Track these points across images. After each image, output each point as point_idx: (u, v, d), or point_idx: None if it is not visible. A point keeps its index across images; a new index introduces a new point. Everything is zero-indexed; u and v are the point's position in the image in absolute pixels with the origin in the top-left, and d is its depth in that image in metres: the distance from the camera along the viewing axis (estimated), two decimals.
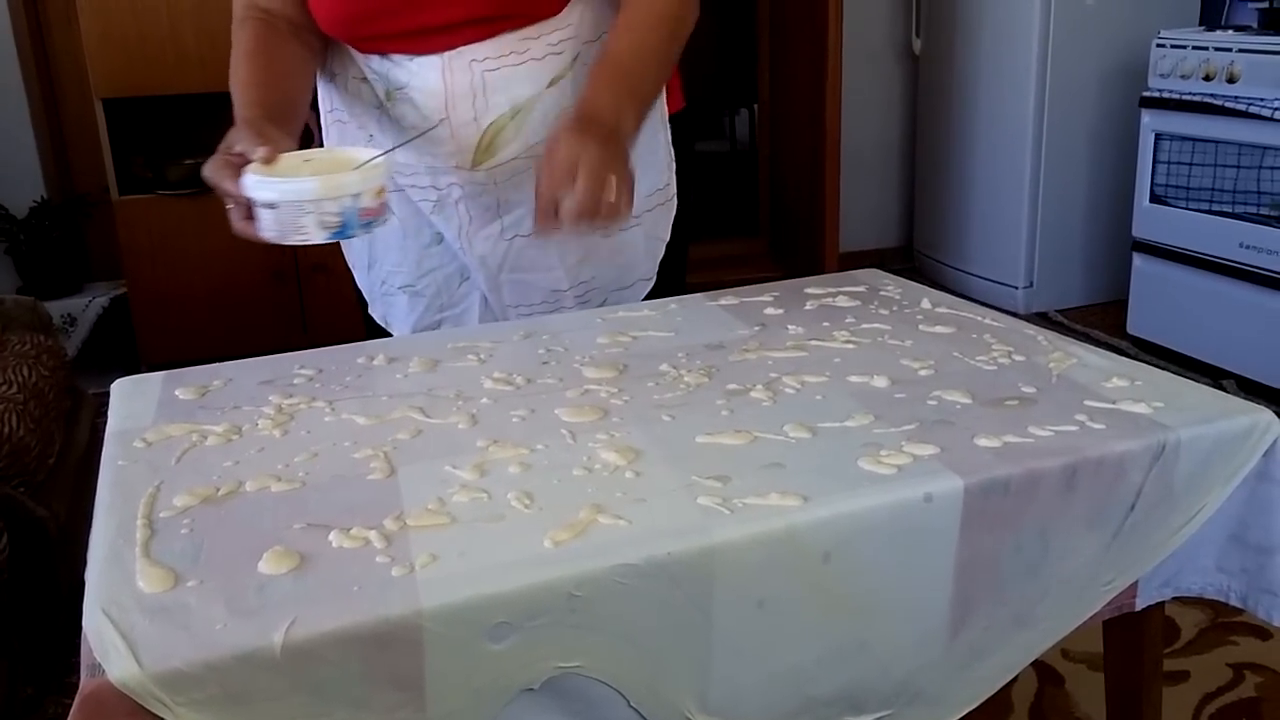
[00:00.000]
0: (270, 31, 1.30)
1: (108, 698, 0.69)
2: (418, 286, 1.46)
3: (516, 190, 1.36)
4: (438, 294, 1.46)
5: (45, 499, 1.86)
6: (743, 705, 0.88)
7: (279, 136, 1.15)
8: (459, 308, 1.47)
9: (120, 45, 3.06)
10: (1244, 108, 2.80)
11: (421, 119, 1.31)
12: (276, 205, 1.08)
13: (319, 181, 1.07)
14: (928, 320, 1.31)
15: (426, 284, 1.46)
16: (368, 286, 1.52)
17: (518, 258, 1.41)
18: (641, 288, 1.50)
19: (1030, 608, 0.98)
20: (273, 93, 1.26)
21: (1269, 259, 2.82)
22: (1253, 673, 1.77)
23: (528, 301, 1.45)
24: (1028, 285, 3.67)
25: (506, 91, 1.29)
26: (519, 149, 1.33)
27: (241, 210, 1.11)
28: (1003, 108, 3.61)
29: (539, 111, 1.31)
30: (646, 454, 0.97)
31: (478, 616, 0.77)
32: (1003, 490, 0.93)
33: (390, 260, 1.46)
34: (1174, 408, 1.04)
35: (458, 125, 1.30)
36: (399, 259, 1.45)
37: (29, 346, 2.13)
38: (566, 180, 1.10)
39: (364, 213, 1.10)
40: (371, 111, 1.37)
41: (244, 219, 1.12)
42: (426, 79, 1.29)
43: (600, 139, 1.13)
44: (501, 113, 1.30)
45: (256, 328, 3.29)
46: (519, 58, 1.28)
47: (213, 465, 0.97)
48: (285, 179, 1.08)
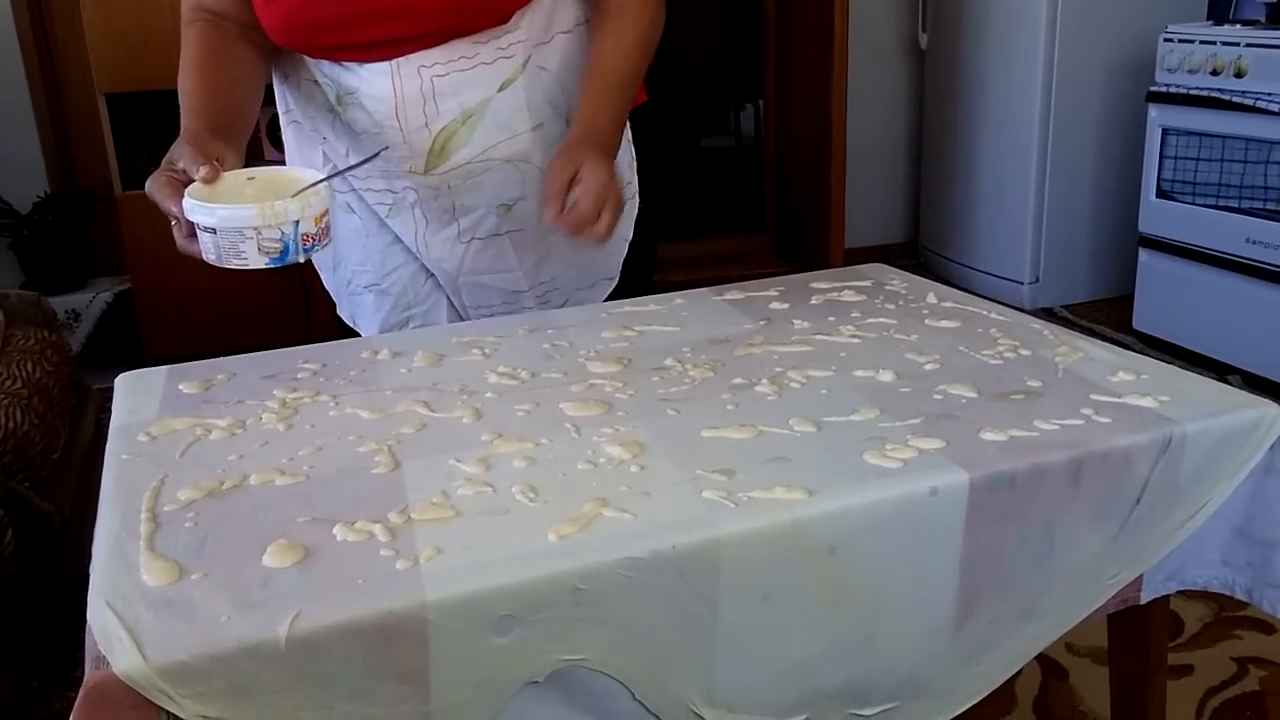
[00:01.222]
0: (218, 34, 1.29)
1: (112, 690, 0.70)
2: (383, 285, 1.45)
3: (472, 193, 1.36)
4: (404, 292, 1.45)
5: (50, 494, 1.87)
6: (747, 698, 0.88)
7: (223, 150, 1.15)
8: (425, 305, 1.46)
9: (123, 39, 3.06)
10: (1251, 102, 2.79)
11: (372, 124, 1.31)
12: (216, 230, 1.07)
13: (258, 209, 1.06)
14: (933, 315, 1.30)
15: (392, 282, 1.45)
16: (334, 287, 1.51)
17: (475, 260, 1.41)
18: (604, 287, 1.50)
19: (1035, 601, 0.98)
20: (219, 100, 1.25)
21: (1275, 254, 2.81)
22: (1257, 667, 1.77)
23: (487, 303, 1.45)
24: (1033, 281, 3.66)
25: (457, 96, 1.29)
26: (472, 153, 1.32)
27: (185, 228, 1.11)
28: (1009, 103, 3.60)
29: (491, 115, 1.31)
30: (651, 448, 0.96)
31: (482, 609, 0.77)
32: (1008, 484, 0.92)
33: (354, 260, 1.45)
34: (1179, 402, 1.04)
35: (409, 131, 1.30)
36: (363, 258, 1.44)
37: (33, 342, 2.14)
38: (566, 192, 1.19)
39: (305, 238, 1.10)
40: (325, 114, 1.36)
41: (186, 237, 1.11)
42: (376, 85, 1.28)
43: (604, 161, 1.22)
44: (453, 117, 1.30)
45: (260, 322, 3.29)
46: (469, 62, 1.28)
47: (217, 459, 0.97)
48: (225, 205, 1.08)
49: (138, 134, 3.35)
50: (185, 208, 1.09)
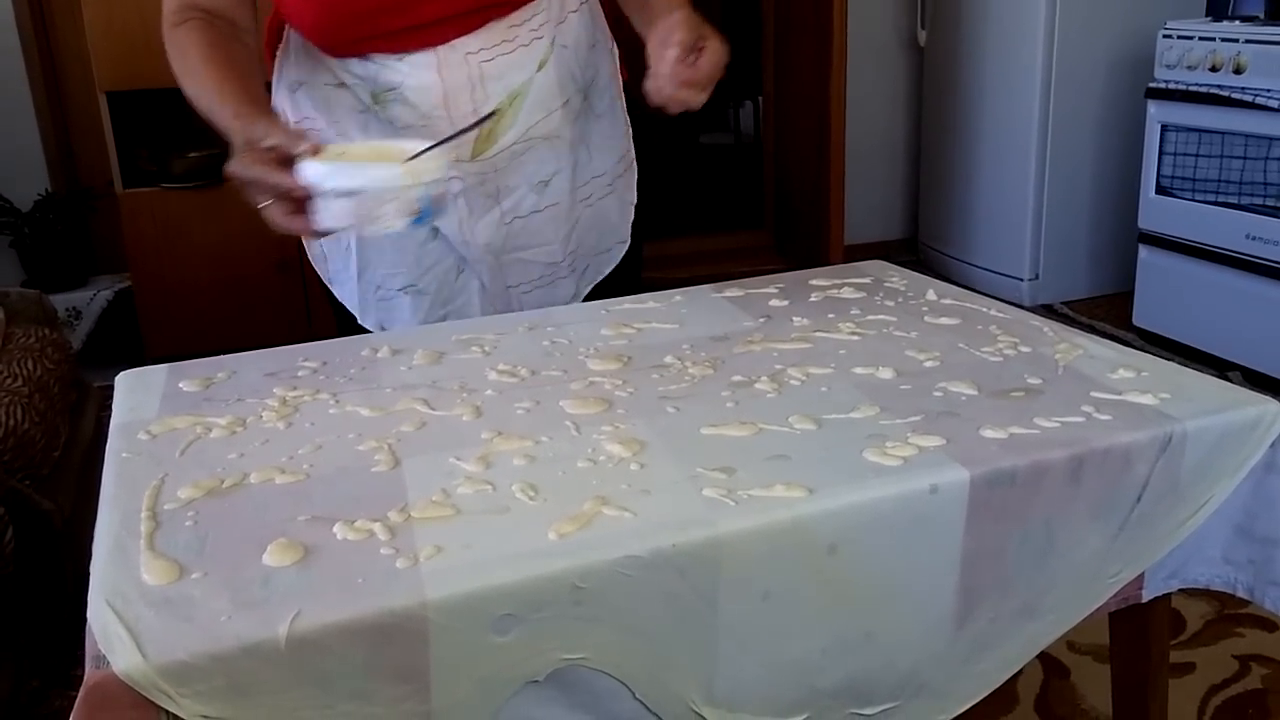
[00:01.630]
0: (217, 32, 1.27)
1: (112, 689, 0.70)
2: (420, 285, 1.44)
3: (514, 174, 1.38)
4: (440, 289, 1.45)
5: (50, 492, 1.87)
6: (748, 697, 0.88)
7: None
8: (459, 300, 1.46)
9: (124, 38, 3.06)
10: (1250, 98, 2.79)
11: (417, 117, 1.31)
12: (358, 193, 1.04)
13: (403, 168, 1.04)
14: (933, 312, 1.30)
15: (429, 281, 1.44)
16: (357, 296, 1.47)
17: (517, 239, 1.42)
18: (618, 251, 1.54)
19: (1036, 599, 0.97)
20: (254, 87, 1.22)
21: (1275, 250, 2.81)
22: (1259, 664, 1.77)
23: (528, 278, 1.47)
24: (1033, 277, 3.66)
25: (502, 80, 1.30)
26: (515, 135, 1.34)
27: (287, 205, 1.07)
28: (1008, 99, 3.59)
29: (533, 95, 1.33)
30: (651, 446, 0.96)
31: (482, 608, 0.77)
32: (1009, 482, 0.92)
33: (385, 264, 1.43)
34: (1180, 399, 1.03)
35: (457, 119, 1.29)
36: (395, 260, 1.43)
37: (34, 340, 2.14)
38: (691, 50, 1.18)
39: (435, 200, 1.09)
40: (353, 116, 1.34)
41: (290, 213, 1.07)
42: (420, 77, 1.28)
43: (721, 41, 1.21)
44: (500, 101, 1.30)
45: (261, 320, 3.29)
46: (510, 45, 1.30)
47: (217, 457, 0.97)
48: (369, 165, 1.05)
49: (138, 132, 3.35)
50: (318, 175, 1.04)
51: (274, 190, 1.06)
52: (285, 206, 1.07)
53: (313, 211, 1.06)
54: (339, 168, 1.04)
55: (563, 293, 1.49)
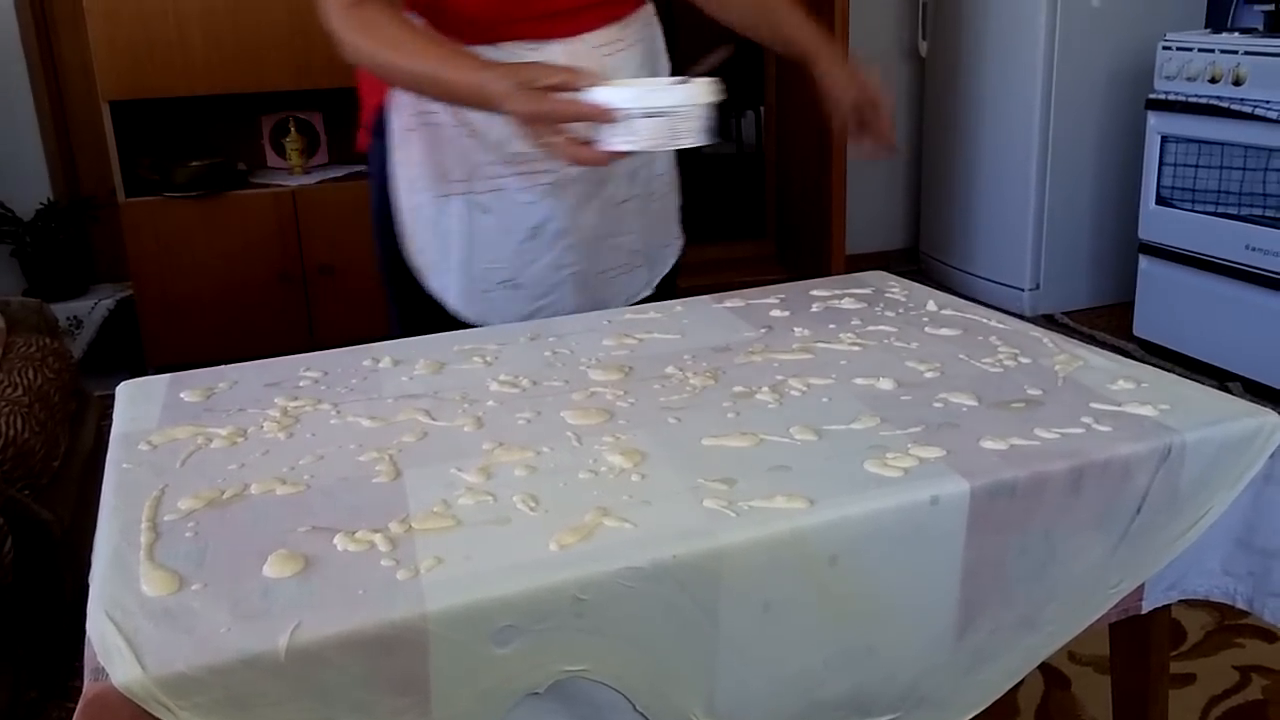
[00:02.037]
0: (395, 9, 1.29)
1: (111, 701, 0.69)
2: (518, 279, 1.47)
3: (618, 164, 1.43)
4: (537, 283, 1.48)
5: (49, 502, 1.87)
6: (749, 709, 0.88)
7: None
8: (553, 295, 1.50)
9: (127, 47, 3.07)
10: (1250, 110, 2.80)
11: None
12: (668, 113, 1.10)
13: (705, 86, 1.11)
14: (933, 322, 1.30)
15: (528, 275, 1.47)
16: (463, 285, 1.47)
17: (611, 224, 1.50)
18: (676, 247, 1.63)
19: (1037, 610, 0.97)
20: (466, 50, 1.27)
21: (1275, 261, 2.81)
22: (1259, 675, 1.77)
23: (616, 264, 1.54)
24: (1034, 287, 3.66)
25: (618, 74, 1.36)
26: None
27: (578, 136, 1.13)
28: (1009, 110, 3.60)
29: None
30: (652, 456, 0.96)
31: (483, 620, 0.77)
32: (1009, 493, 0.92)
33: (487, 258, 1.46)
34: (1180, 410, 1.04)
35: None
36: (495, 255, 1.46)
37: (34, 349, 2.14)
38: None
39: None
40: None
41: (579, 143, 1.13)
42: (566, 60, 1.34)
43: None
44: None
45: (262, 330, 3.29)
46: (621, 44, 1.41)
47: (218, 468, 0.97)
48: (671, 86, 1.11)
49: (141, 142, 3.36)
50: (628, 99, 1.09)
51: (570, 119, 1.12)
52: (574, 139, 1.13)
53: (601, 138, 1.12)
54: (647, 90, 1.11)
55: (638, 280, 1.57)
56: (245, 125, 3.53)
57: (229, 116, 3.50)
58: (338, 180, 3.37)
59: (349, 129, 3.69)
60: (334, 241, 3.31)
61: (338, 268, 3.33)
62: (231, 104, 3.42)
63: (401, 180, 1.43)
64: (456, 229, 1.43)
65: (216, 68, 3.14)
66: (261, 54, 3.17)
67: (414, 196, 1.43)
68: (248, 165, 3.50)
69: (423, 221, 1.43)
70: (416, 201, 1.43)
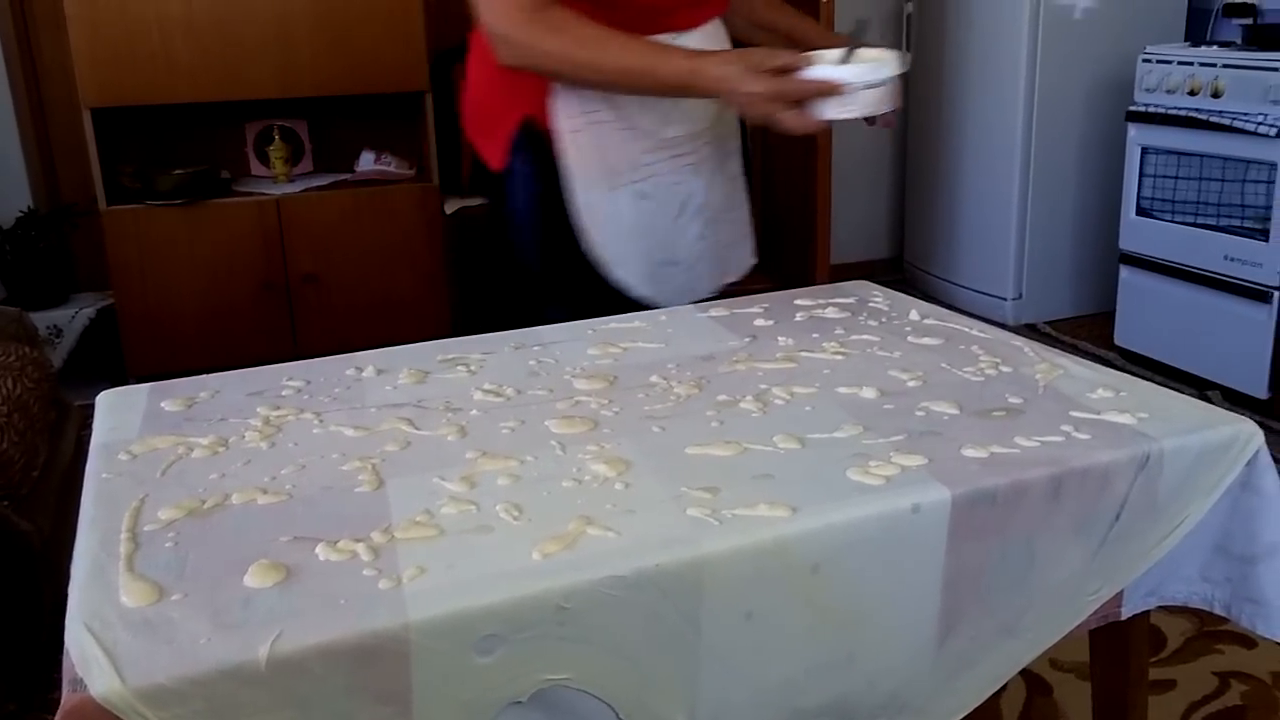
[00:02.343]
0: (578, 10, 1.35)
1: (90, 713, 0.69)
2: (675, 256, 1.56)
3: (730, 140, 1.60)
4: (687, 258, 1.57)
5: (29, 513, 1.85)
6: (731, 717, 0.88)
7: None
8: (700, 267, 1.59)
9: (108, 54, 3.05)
10: (1228, 122, 2.82)
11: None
12: (885, 83, 1.24)
13: (903, 58, 1.26)
14: (916, 332, 1.31)
15: (681, 252, 1.56)
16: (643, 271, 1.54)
17: (731, 198, 1.62)
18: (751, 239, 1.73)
19: (1017, 617, 0.98)
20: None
21: (1253, 271, 2.83)
22: (1239, 681, 1.78)
23: (734, 237, 1.65)
24: (1016, 297, 3.68)
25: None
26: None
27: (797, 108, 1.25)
28: (991, 121, 3.62)
29: None
30: (636, 465, 0.97)
31: (465, 629, 0.77)
32: (990, 501, 0.93)
33: (654, 240, 1.54)
34: (1158, 418, 1.04)
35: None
36: (660, 237, 1.54)
37: (14, 358, 2.12)
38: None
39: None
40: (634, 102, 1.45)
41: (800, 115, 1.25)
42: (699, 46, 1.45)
43: None
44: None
45: (245, 340, 3.28)
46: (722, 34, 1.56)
47: (199, 478, 0.97)
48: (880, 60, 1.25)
49: (122, 149, 3.35)
50: (854, 74, 1.23)
51: (802, 96, 1.25)
52: (796, 110, 1.25)
53: (817, 109, 1.25)
54: (868, 66, 1.24)
55: (745, 252, 1.69)
56: (229, 133, 3.52)
57: (212, 124, 3.49)
58: (322, 189, 3.37)
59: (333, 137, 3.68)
60: (318, 250, 3.30)
61: (321, 277, 3.32)
62: (215, 111, 3.40)
63: (577, 179, 1.47)
64: (628, 218, 1.49)
65: (200, 74, 3.13)
66: (245, 61, 3.16)
67: (589, 194, 1.48)
68: (231, 173, 3.48)
69: (599, 216, 1.49)
70: (591, 199, 1.48)
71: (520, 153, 1.48)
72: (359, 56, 3.24)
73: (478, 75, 1.54)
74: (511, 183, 1.51)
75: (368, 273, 3.36)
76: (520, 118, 1.47)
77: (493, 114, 1.52)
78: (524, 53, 1.35)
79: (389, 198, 3.36)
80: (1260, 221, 2.81)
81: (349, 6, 3.19)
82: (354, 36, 3.22)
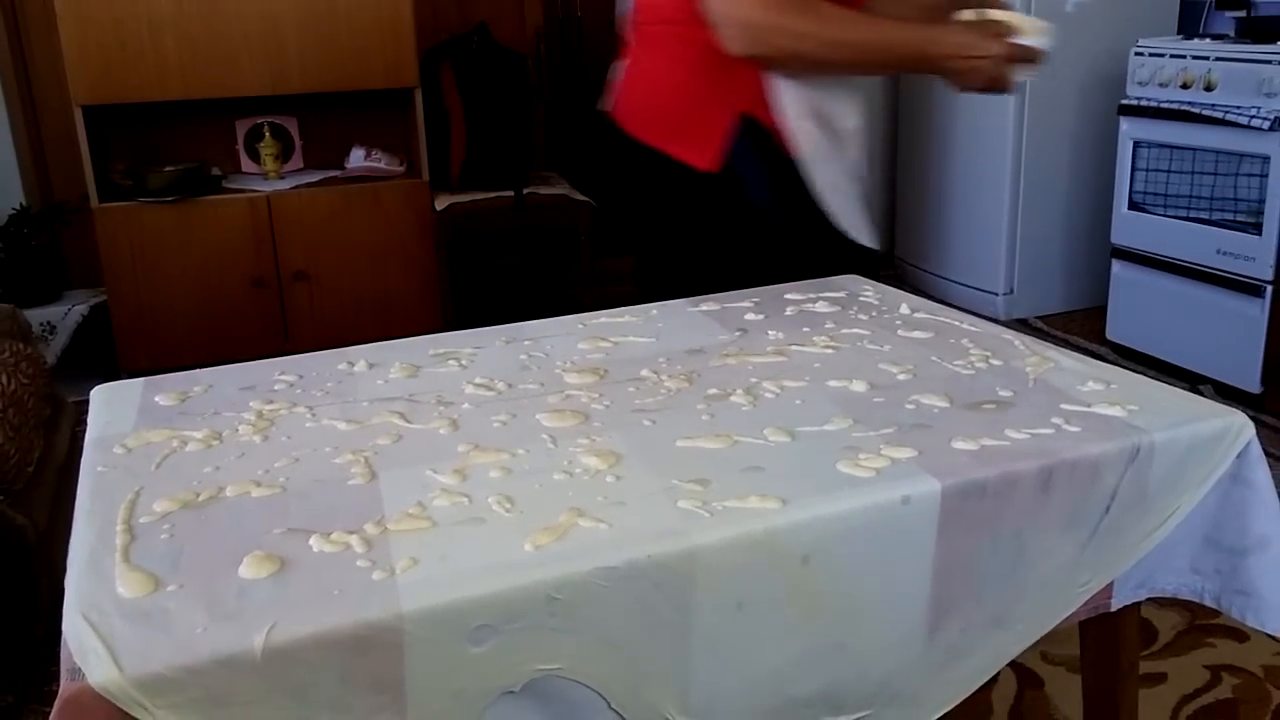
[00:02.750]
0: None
1: (88, 702, 0.69)
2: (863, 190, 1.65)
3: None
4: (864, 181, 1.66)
5: (24, 507, 1.85)
6: (723, 706, 0.89)
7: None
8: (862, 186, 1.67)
9: (99, 52, 3.05)
10: (1221, 115, 2.83)
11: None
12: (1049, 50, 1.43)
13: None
14: (906, 325, 1.32)
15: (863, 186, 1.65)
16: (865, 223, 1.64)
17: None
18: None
19: (1007, 608, 0.99)
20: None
21: (1245, 265, 2.84)
22: (1230, 674, 1.79)
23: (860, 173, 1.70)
24: (1008, 292, 3.69)
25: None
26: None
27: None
28: (983, 115, 3.63)
29: None
30: (627, 458, 0.97)
31: (458, 619, 0.78)
32: (980, 492, 0.93)
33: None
34: (1148, 411, 1.05)
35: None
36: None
37: (8, 354, 2.12)
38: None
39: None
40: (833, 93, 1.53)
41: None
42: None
43: None
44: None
45: (237, 335, 3.28)
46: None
47: (193, 471, 0.97)
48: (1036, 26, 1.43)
49: (113, 146, 3.34)
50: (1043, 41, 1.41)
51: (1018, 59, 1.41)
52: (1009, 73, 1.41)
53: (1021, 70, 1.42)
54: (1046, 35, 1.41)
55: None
56: (219, 130, 3.52)
57: (203, 121, 3.48)
58: (312, 185, 3.37)
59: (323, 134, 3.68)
60: (309, 246, 3.30)
61: (312, 273, 3.32)
62: (205, 108, 3.40)
63: (814, 165, 1.53)
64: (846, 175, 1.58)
65: (190, 72, 3.13)
66: (235, 58, 3.16)
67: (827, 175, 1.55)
68: (222, 170, 3.48)
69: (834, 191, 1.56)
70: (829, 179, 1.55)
71: (744, 150, 1.50)
72: (349, 53, 3.24)
73: (668, 79, 1.54)
74: (737, 180, 1.52)
75: (358, 269, 3.36)
76: (734, 116, 1.49)
77: (693, 115, 1.52)
78: (770, 36, 1.39)
79: (379, 194, 3.36)
80: (1253, 215, 2.82)
81: (338, 3, 3.19)
82: (343, 33, 3.22)
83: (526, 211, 3.38)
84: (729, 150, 1.50)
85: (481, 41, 3.50)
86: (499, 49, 3.52)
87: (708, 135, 1.50)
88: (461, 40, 3.52)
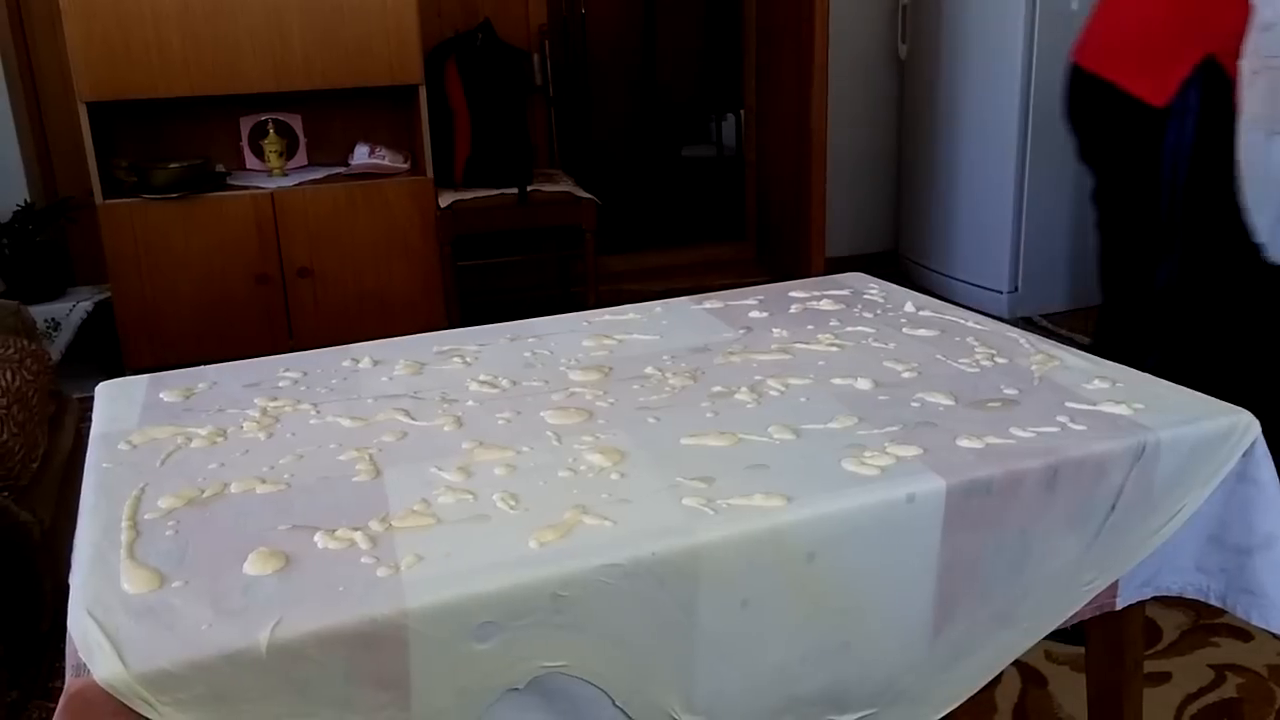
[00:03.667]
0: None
1: (93, 697, 0.70)
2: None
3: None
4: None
5: (29, 504, 1.85)
6: (727, 704, 0.89)
7: None
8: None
9: (104, 48, 3.05)
10: None
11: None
12: None
13: None
14: (911, 323, 1.32)
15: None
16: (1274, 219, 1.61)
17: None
18: None
19: (1012, 607, 0.98)
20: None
21: None
22: (1234, 673, 1.79)
23: None
24: (1013, 290, 3.69)
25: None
26: None
27: None
28: (988, 113, 3.62)
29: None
30: (631, 455, 0.97)
31: (463, 616, 0.78)
32: (985, 491, 0.93)
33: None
34: (1154, 409, 1.05)
35: None
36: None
37: (12, 351, 2.12)
38: None
39: None
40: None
41: None
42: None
43: None
44: None
45: (241, 333, 3.28)
46: None
47: (198, 467, 0.97)
48: None
49: (118, 143, 3.34)
50: None
51: None
52: None
53: None
54: None
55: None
56: (223, 126, 3.52)
57: (207, 118, 3.48)
58: (317, 182, 3.36)
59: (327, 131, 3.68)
60: (313, 243, 3.30)
61: (316, 270, 3.32)
62: (209, 105, 3.40)
63: (1245, 119, 1.51)
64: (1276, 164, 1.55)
65: (194, 69, 3.13)
66: (239, 55, 3.16)
67: (1252, 134, 1.52)
68: (226, 167, 3.48)
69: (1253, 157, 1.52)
70: (1253, 139, 1.52)
71: (1194, 89, 1.51)
72: (353, 50, 3.24)
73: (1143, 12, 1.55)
74: (1177, 118, 1.53)
75: (363, 266, 3.36)
76: (1200, 56, 1.49)
77: (1161, 51, 1.53)
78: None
79: (383, 191, 3.36)
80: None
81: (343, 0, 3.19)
82: (348, 30, 3.22)
83: (531, 209, 3.38)
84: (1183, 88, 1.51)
85: (486, 39, 3.50)
86: (503, 46, 3.52)
87: (1169, 71, 1.52)
88: (466, 37, 3.52)
